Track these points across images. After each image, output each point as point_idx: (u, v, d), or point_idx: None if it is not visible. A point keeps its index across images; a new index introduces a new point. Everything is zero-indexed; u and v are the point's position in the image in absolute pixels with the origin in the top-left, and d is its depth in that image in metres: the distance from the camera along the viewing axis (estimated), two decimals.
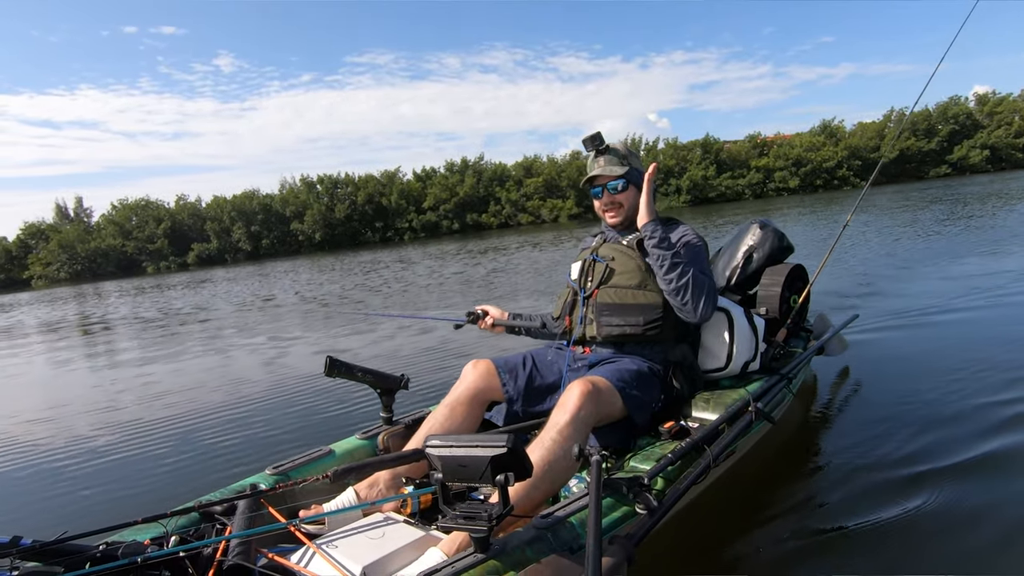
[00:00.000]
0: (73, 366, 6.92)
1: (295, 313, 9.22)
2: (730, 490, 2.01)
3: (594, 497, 1.15)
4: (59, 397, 5.13)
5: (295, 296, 11.92)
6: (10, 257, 47.51)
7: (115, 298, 17.95)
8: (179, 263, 44.17)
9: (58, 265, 44.37)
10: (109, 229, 46.32)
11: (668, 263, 1.81)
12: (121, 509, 2.47)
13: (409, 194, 46.08)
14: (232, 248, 45.25)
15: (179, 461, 3.07)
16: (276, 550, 1.46)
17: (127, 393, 4.87)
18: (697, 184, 42.73)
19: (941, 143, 44.10)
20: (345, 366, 1.96)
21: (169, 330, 9.05)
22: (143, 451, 3.29)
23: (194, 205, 47.69)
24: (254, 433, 3.35)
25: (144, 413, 4.09)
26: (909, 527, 1.75)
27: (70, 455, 3.36)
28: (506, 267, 12.23)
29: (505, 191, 44.72)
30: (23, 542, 1.19)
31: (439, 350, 4.93)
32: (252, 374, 5.00)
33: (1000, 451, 2.13)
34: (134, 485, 2.82)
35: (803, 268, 2.83)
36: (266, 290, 14.03)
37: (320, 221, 44.75)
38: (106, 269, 44.15)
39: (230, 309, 10.92)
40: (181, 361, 6.20)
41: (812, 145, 44.53)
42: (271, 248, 44.71)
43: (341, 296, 10.82)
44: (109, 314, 13.13)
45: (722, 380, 2.12)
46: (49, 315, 15.06)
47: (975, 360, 3.11)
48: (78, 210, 49.60)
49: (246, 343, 6.79)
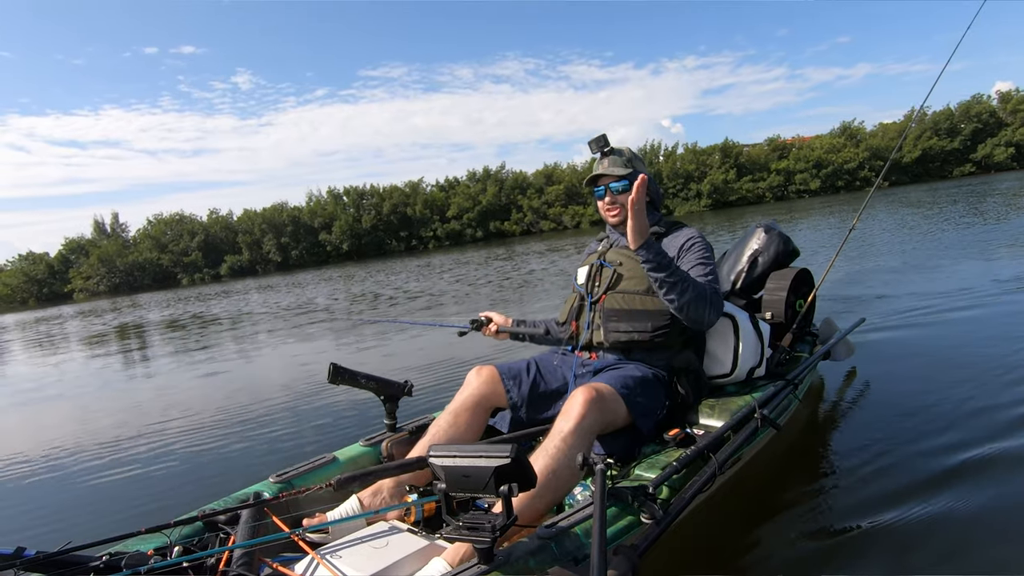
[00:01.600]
0: (96, 372, 6.96)
1: (304, 320, 9.24)
2: (736, 498, 1.99)
3: (598, 506, 1.14)
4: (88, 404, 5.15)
5: (329, 301, 11.89)
6: (52, 272, 49.70)
7: (170, 307, 18.13)
8: (212, 275, 45.70)
9: (98, 278, 46.27)
10: (146, 243, 48.42)
11: (667, 285, 1.77)
12: (124, 519, 2.47)
13: (433, 203, 47.27)
14: (263, 259, 46.71)
15: (181, 469, 3.07)
16: (279, 559, 1.46)
17: (138, 401, 4.89)
18: (717, 188, 43.03)
19: (964, 142, 44.01)
20: (348, 373, 1.95)
21: (200, 336, 9.09)
22: (148, 459, 3.29)
23: (226, 219, 49.50)
24: (257, 441, 3.35)
25: (151, 420, 4.10)
26: (919, 532, 1.73)
27: (76, 463, 3.37)
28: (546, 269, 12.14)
29: (527, 199, 45.79)
30: (27, 553, 1.19)
31: (443, 356, 4.92)
32: (257, 381, 5.01)
33: (1009, 452, 2.10)
34: (137, 494, 2.83)
35: (809, 272, 2.81)
36: (303, 298, 14.00)
37: (347, 231, 46.12)
38: (143, 282, 45.99)
39: (257, 317, 10.88)
40: (188, 369, 6.22)
41: (833, 147, 44.60)
42: (300, 259, 46.06)
43: (378, 299, 10.79)
44: (152, 321, 13.13)
45: (727, 386, 2.10)
46: (100, 326, 15.12)
47: (985, 360, 3.08)
48: (114, 225, 52.12)
49: (255, 351, 6.81)
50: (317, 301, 12.31)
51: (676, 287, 1.77)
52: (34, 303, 45.82)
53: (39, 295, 48.47)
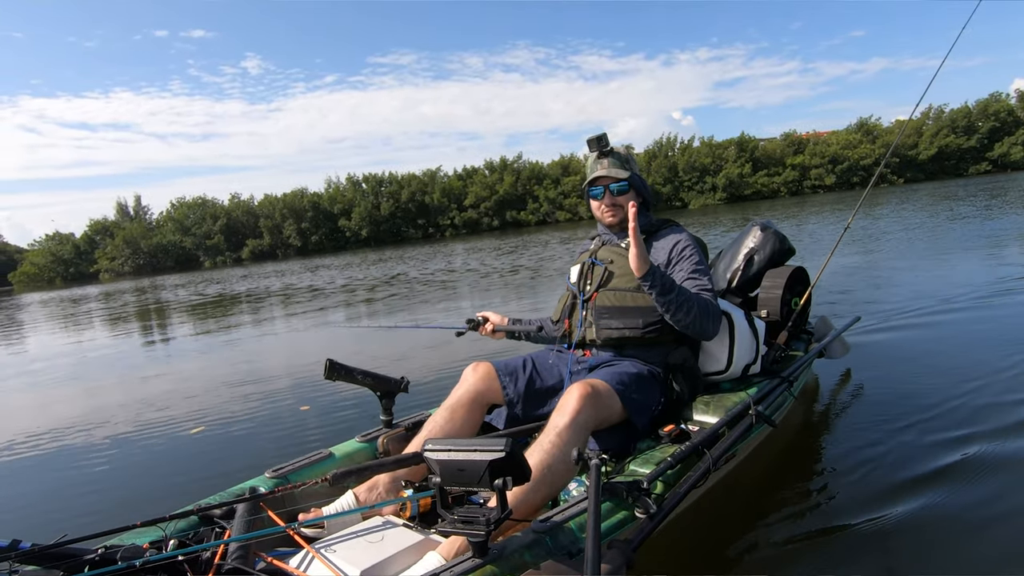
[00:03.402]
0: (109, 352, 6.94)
1: (308, 310, 9.23)
2: (730, 494, 2.01)
3: (593, 501, 1.15)
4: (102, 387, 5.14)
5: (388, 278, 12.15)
6: (79, 252, 51.19)
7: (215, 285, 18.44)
8: (234, 258, 46.82)
9: (122, 259, 47.66)
10: (169, 226, 49.65)
11: (673, 307, 1.78)
12: (120, 512, 2.47)
13: (451, 192, 48.05)
14: (283, 244, 47.63)
15: (177, 463, 3.07)
16: (275, 554, 1.46)
17: (137, 390, 4.88)
18: (733, 182, 43.54)
19: (981, 140, 44.33)
20: (345, 369, 1.96)
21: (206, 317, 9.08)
22: (141, 452, 3.29)
23: (247, 203, 50.59)
24: (253, 435, 3.35)
25: (146, 411, 4.09)
26: (911, 530, 1.74)
27: (72, 453, 3.37)
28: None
29: (543, 189, 46.50)
30: (22, 545, 1.19)
31: (439, 353, 4.93)
32: (253, 375, 5.01)
33: (1005, 453, 2.12)
34: (133, 486, 2.83)
35: (804, 270, 2.82)
36: (356, 277, 14.17)
37: (366, 218, 47.01)
38: (166, 263, 47.27)
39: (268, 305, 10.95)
40: (190, 358, 6.22)
41: (849, 143, 44.96)
42: (319, 244, 46.95)
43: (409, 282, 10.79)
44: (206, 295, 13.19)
45: (722, 383, 2.11)
46: (120, 306, 15.12)
47: (980, 360, 3.10)
48: (137, 208, 53.72)
49: (254, 343, 6.80)
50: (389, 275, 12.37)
51: (682, 307, 1.78)
52: (60, 283, 46.82)
53: (65, 275, 49.80)
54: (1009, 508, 1.81)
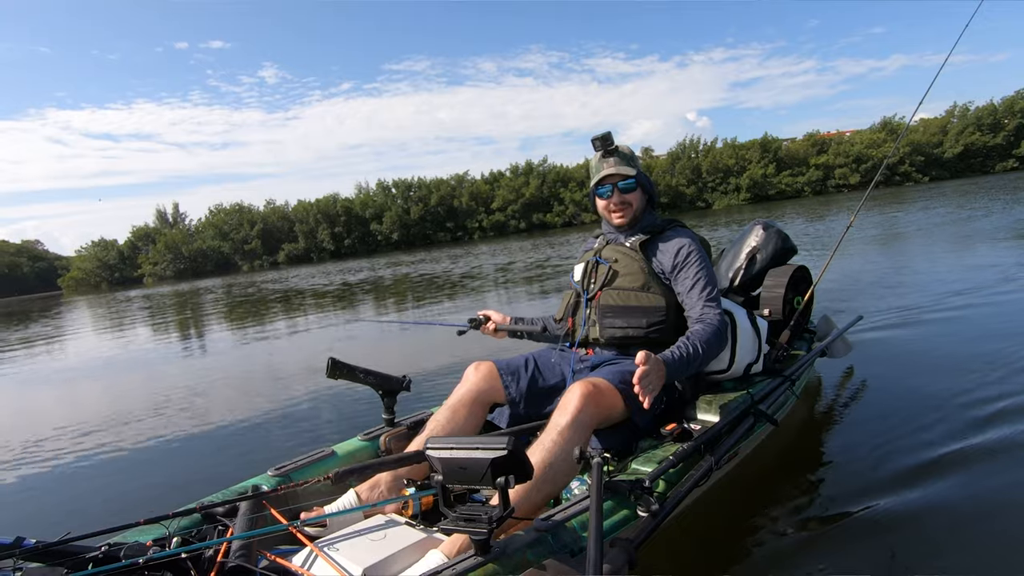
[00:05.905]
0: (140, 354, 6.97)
1: (309, 309, 9.24)
2: (732, 492, 2.00)
3: (595, 499, 1.15)
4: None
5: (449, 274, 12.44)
6: (123, 257, 54.00)
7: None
8: (271, 262, 48.42)
9: (165, 264, 49.61)
10: (208, 231, 51.37)
11: (696, 366, 1.77)
12: (124, 510, 2.48)
13: (478, 195, 49.22)
14: (318, 248, 48.96)
15: (181, 461, 3.08)
16: (277, 552, 1.46)
17: (146, 393, 4.89)
18: (756, 182, 43.93)
19: (1008, 137, 44.24)
20: (347, 367, 1.96)
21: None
22: (146, 450, 3.30)
23: (282, 209, 52.23)
24: (257, 433, 3.36)
25: (150, 413, 4.10)
26: (915, 527, 1.74)
27: (76, 454, 3.38)
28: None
29: (568, 192, 47.39)
30: (26, 543, 1.19)
31: (441, 351, 4.93)
32: (255, 375, 5.02)
33: (1007, 449, 2.11)
34: (137, 484, 2.84)
35: (806, 269, 2.81)
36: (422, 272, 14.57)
37: (397, 222, 48.41)
38: (206, 268, 48.94)
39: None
40: (195, 358, 6.23)
41: (872, 142, 45.01)
42: (352, 248, 48.38)
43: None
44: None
45: (725, 382, 2.10)
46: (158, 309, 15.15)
47: (983, 356, 3.09)
48: (175, 215, 56.03)
49: (260, 344, 6.81)
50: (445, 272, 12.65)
51: (705, 360, 1.79)
52: (106, 287, 48.69)
53: (111, 279, 52.19)
54: (1015, 506, 1.80)
